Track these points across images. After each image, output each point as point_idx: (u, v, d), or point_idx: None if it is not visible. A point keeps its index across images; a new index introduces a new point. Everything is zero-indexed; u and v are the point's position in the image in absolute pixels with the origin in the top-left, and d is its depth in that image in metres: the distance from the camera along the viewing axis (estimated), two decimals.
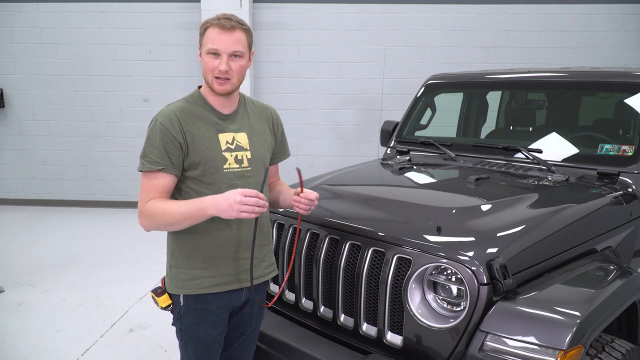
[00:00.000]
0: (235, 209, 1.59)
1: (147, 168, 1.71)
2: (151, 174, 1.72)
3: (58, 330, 3.55)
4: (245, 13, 6.31)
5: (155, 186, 1.72)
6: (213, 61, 1.72)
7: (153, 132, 1.73)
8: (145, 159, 1.72)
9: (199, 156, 1.74)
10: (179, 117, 1.74)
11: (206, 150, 1.75)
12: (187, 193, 1.78)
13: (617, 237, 2.30)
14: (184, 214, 1.66)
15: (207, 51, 1.72)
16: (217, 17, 1.74)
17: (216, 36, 1.71)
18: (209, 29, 1.73)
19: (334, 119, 6.89)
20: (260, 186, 1.87)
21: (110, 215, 6.70)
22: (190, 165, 1.75)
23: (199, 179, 1.76)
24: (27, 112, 6.94)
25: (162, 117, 1.74)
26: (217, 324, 1.85)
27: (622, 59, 6.42)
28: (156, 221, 1.70)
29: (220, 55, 1.72)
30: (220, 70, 1.72)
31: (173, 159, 1.72)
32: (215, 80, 1.74)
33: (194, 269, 1.80)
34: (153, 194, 1.72)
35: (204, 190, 1.76)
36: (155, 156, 1.71)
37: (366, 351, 1.96)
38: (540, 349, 1.56)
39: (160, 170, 1.71)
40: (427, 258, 1.80)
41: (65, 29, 6.73)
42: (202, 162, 1.74)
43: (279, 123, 2.02)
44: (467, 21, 6.54)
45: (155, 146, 1.71)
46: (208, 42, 1.72)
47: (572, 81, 3.02)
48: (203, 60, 1.75)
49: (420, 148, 3.23)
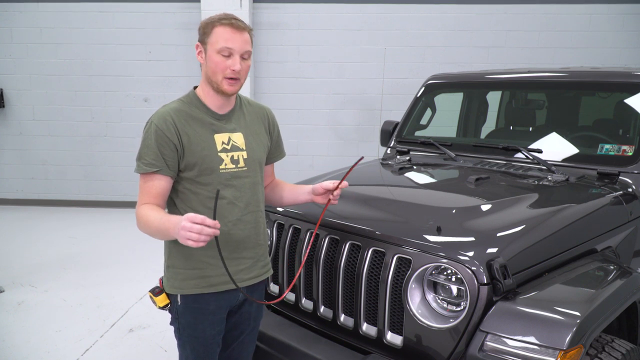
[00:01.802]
0: (181, 235, 1.51)
1: (142, 170, 1.71)
2: (147, 176, 1.72)
3: (58, 330, 3.55)
4: (245, 13, 6.30)
5: (150, 188, 1.72)
6: (225, 61, 1.70)
7: (148, 134, 1.72)
8: (141, 161, 1.72)
9: (194, 157, 1.73)
10: (174, 118, 1.73)
11: (202, 151, 1.74)
12: (184, 194, 1.77)
13: (617, 237, 2.30)
14: (157, 228, 1.65)
15: (219, 50, 1.69)
16: (223, 17, 1.72)
17: (230, 35, 1.69)
18: (218, 27, 1.70)
19: (334, 119, 6.89)
20: (258, 186, 1.88)
21: (110, 215, 6.70)
22: (186, 167, 1.74)
23: (195, 179, 1.75)
24: (27, 112, 6.94)
25: (157, 118, 1.73)
26: (214, 323, 1.85)
27: (622, 59, 6.42)
28: (142, 227, 1.71)
29: (232, 55, 1.70)
30: (235, 70, 1.70)
31: (168, 160, 1.72)
32: (225, 80, 1.72)
33: (191, 269, 1.80)
34: (148, 197, 1.72)
35: (200, 190, 1.76)
36: (151, 158, 1.70)
37: (366, 351, 1.96)
38: (540, 349, 1.56)
39: (156, 172, 1.71)
40: (427, 258, 1.80)
41: (65, 29, 6.73)
42: (198, 163, 1.74)
43: (274, 123, 2.01)
44: (467, 21, 6.54)
45: (151, 148, 1.71)
46: (220, 41, 1.69)
47: (572, 81, 3.02)
48: (211, 60, 1.71)
49: (420, 148, 3.23)
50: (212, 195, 1.73)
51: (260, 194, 1.90)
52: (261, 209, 1.91)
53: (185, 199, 1.77)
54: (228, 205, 1.78)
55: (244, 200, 1.82)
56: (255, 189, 1.87)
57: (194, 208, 1.76)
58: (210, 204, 1.74)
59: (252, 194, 1.85)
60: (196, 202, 1.77)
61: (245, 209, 1.82)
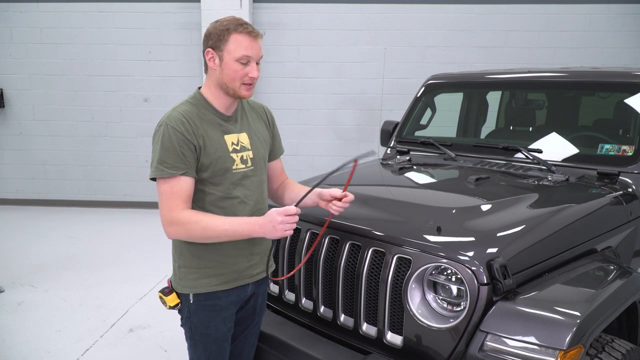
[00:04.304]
0: (279, 229, 1.66)
1: (167, 174, 1.68)
2: (172, 180, 1.69)
3: (58, 330, 3.55)
4: (245, 13, 6.30)
5: (180, 192, 1.70)
6: (243, 68, 1.73)
7: (167, 137, 1.69)
8: (163, 165, 1.69)
9: (209, 158, 1.74)
10: (189, 120, 1.73)
11: (216, 152, 1.76)
12: (195, 194, 1.77)
13: (617, 237, 2.30)
14: (227, 232, 1.69)
15: (238, 59, 1.71)
16: (237, 22, 1.72)
17: (249, 44, 1.72)
18: (236, 35, 1.70)
19: (334, 119, 6.89)
20: (264, 184, 1.91)
21: (110, 215, 6.70)
22: (201, 168, 1.75)
23: (208, 180, 1.76)
24: (27, 112, 6.94)
25: (173, 121, 1.71)
26: (226, 319, 1.88)
27: (622, 59, 6.42)
28: (192, 233, 1.70)
29: (250, 63, 1.74)
30: (253, 77, 1.75)
31: (190, 162, 1.71)
32: (243, 86, 1.76)
33: (204, 268, 1.81)
34: (179, 201, 1.70)
35: (212, 191, 1.77)
36: (174, 161, 1.69)
37: (366, 351, 1.96)
38: (540, 349, 1.56)
39: (182, 174, 1.70)
40: (427, 258, 1.80)
41: (65, 29, 6.73)
42: (212, 164, 1.75)
43: (272, 118, 2.06)
44: (467, 21, 6.54)
45: (172, 151, 1.69)
46: (239, 50, 1.70)
47: (572, 81, 3.02)
48: (230, 68, 1.72)
49: (420, 148, 3.23)
50: (224, 196, 1.78)
51: (265, 191, 1.96)
52: (266, 206, 1.95)
53: (196, 198, 1.78)
54: (240, 205, 1.82)
55: (254, 199, 1.87)
56: (262, 187, 1.92)
57: (205, 208, 1.78)
58: (222, 203, 1.78)
59: (260, 191, 1.91)
60: (207, 202, 1.78)
61: (255, 206, 1.87)
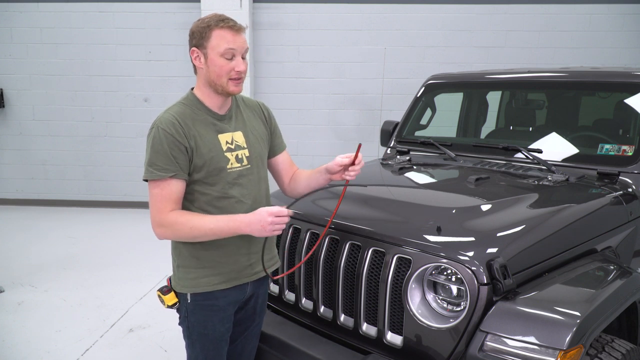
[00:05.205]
0: (268, 229, 1.66)
1: (156, 176, 1.69)
2: (162, 182, 1.70)
3: (58, 330, 3.55)
4: (245, 13, 6.31)
5: (169, 194, 1.71)
6: (228, 63, 1.72)
7: (157, 139, 1.70)
8: (153, 167, 1.70)
9: (203, 159, 1.74)
10: (181, 121, 1.73)
11: (209, 152, 1.75)
12: (192, 195, 1.78)
13: (617, 237, 2.30)
14: (212, 230, 1.69)
15: (222, 54, 1.70)
16: (217, 19, 1.72)
17: (231, 37, 1.70)
18: (218, 31, 1.70)
19: (334, 119, 6.89)
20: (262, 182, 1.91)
21: (110, 215, 6.69)
22: (195, 169, 1.75)
23: (202, 180, 1.76)
24: (27, 112, 6.94)
25: (164, 123, 1.72)
26: (224, 319, 1.87)
27: (622, 59, 6.41)
28: (179, 233, 1.71)
29: (235, 57, 1.73)
30: (240, 70, 1.73)
31: (181, 164, 1.71)
32: (231, 81, 1.74)
33: (202, 268, 1.81)
34: (170, 203, 1.71)
35: (208, 191, 1.77)
36: (164, 163, 1.69)
37: (366, 351, 1.96)
38: (540, 349, 1.56)
39: (172, 176, 1.70)
40: (427, 258, 1.80)
41: (65, 29, 6.73)
42: (206, 165, 1.75)
43: (270, 113, 2.04)
44: (467, 21, 6.54)
45: (162, 153, 1.69)
46: (223, 44, 1.70)
47: (572, 81, 3.02)
48: (215, 64, 1.72)
49: (420, 148, 3.23)
50: (220, 195, 1.78)
51: (264, 189, 1.94)
52: (267, 203, 1.94)
53: (193, 199, 1.78)
54: (237, 204, 1.81)
55: (252, 197, 1.86)
56: (260, 185, 1.90)
57: (202, 208, 1.78)
58: (218, 203, 1.78)
59: (258, 190, 1.89)
60: (204, 202, 1.78)
61: (253, 205, 1.85)
